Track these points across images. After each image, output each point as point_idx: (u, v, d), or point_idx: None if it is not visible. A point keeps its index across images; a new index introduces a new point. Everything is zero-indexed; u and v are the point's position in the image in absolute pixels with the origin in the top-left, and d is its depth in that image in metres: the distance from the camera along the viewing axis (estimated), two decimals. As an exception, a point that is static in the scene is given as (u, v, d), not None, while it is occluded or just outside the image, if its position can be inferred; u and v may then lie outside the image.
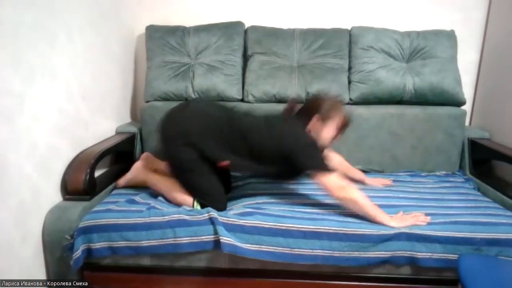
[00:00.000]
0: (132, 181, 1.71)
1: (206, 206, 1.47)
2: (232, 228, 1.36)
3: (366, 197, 1.41)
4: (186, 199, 1.52)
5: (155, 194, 1.61)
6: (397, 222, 1.37)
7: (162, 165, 1.71)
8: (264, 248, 1.35)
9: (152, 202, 1.53)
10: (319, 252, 1.34)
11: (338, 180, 1.41)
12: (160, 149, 1.60)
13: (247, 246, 1.35)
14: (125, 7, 2.11)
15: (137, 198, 1.57)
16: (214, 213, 1.39)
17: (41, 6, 1.38)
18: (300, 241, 1.35)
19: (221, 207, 1.48)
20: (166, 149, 1.55)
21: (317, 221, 1.38)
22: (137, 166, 1.72)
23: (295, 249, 1.35)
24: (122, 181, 1.72)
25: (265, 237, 1.35)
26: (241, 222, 1.38)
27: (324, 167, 1.42)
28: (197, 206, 1.50)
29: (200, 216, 1.40)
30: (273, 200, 1.57)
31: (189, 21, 2.14)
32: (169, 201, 1.56)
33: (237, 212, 1.45)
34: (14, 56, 1.25)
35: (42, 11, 1.39)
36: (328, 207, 1.51)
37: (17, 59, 1.27)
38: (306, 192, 1.64)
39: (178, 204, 1.52)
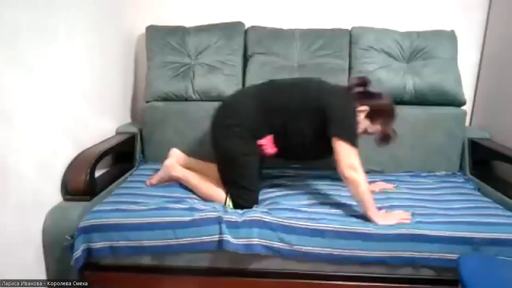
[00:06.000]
0: (163, 179, 1.72)
1: (238, 203, 1.50)
2: (234, 224, 1.36)
3: (369, 189, 1.42)
4: (219, 195, 1.55)
5: (157, 194, 1.61)
6: (383, 220, 1.38)
7: (188, 161, 1.76)
8: (264, 242, 1.35)
9: (154, 202, 1.52)
10: (318, 250, 1.35)
11: (354, 158, 1.41)
12: (212, 139, 1.62)
13: (247, 241, 1.35)
14: (125, 8, 2.11)
15: (138, 199, 1.57)
16: (219, 212, 1.40)
17: (41, 6, 1.38)
18: (300, 238, 1.35)
19: (251, 207, 1.50)
20: (220, 138, 1.57)
21: (318, 219, 1.38)
22: (168, 163, 1.72)
23: (295, 246, 1.35)
24: (154, 180, 1.73)
25: (266, 231, 1.35)
26: (242, 217, 1.38)
27: (351, 138, 1.43)
28: (229, 203, 1.53)
29: (202, 215, 1.39)
30: (275, 197, 1.58)
31: (189, 21, 2.14)
32: (201, 197, 1.59)
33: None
34: (14, 56, 1.25)
35: (42, 11, 1.39)
36: (329, 205, 1.51)
37: (17, 59, 1.27)
38: (307, 190, 1.64)
39: (210, 200, 1.55)
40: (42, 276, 1.42)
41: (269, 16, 2.17)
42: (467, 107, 2.06)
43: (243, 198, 1.52)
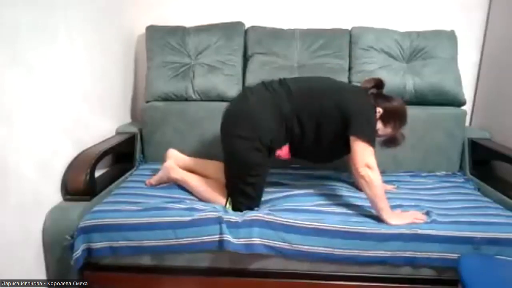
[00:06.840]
0: (162, 180, 1.72)
1: (238, 209, 1.49)
2: (235, 224, 1.36)
3: (383, 188, 1.42)
4: (219, 198, 1.55)
5: (157, 195, 1.61)
6: (396, 220, 1.38)
7: (187, 161, 1.76)
8: (265, 242, 1.35)
9: (154, 202, 1.52)
10: (319, 249, 1.34)
11: (370, 157, 1.40)
12: (224, 146, 1.54)
13: (247, 241, 1.34)
14: (125, 8, 2.11)
15: (138, 199, 1.57)
16: (219, 212, 1.39)
17: (41, 6, 1.38)
18: (301, 238, 1.35)
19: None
20: (234, 148, 1.48)
21: (319, 219, 1.38)
22: (167, 165, 1.71)
23: (295, 245, 1.35)
24: (153, 180, 1.72)
25: (267, 230, 1.35)
26: (243, 217, 1.38)
27: (369, 137, 1.41)
28: (229, 206, 1.51)
29: (202, 215, 1.39)
30: (275, 198, 1.58)
31: (189, 21, 2.14)
32: (200, 199, 1.59)
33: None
34: (14, 56, 1.25)
35: (42, 10, 1.39)
36: (329, 205, 1.51)
37: (17, 59, 1.27)
38: (308, 191, 1.64)
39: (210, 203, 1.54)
40: (42, 276, 1.42)
41: (269, 16, 2.17)
42: (467, 107, 2.06)
43: (245, 205, 1.50)
